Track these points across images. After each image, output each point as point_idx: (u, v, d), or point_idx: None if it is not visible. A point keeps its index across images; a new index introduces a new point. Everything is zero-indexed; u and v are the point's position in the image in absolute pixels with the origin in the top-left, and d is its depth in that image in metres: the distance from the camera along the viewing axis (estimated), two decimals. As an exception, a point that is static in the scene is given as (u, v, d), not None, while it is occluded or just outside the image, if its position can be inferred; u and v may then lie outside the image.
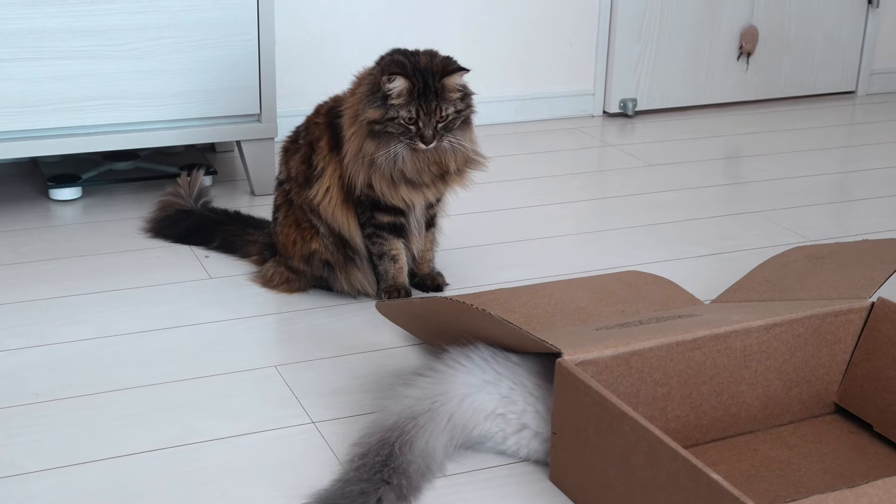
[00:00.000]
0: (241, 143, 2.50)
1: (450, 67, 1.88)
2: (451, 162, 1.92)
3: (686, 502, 1.23)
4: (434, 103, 1.86)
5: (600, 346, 1.47)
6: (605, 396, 1.35)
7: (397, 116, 1.86)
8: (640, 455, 1.30)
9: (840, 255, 1.84)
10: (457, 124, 1.90)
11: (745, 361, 1.57)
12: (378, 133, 1.87)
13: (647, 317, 1.71)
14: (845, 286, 1.70)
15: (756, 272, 1.93)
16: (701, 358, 1.53)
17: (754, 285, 1.87)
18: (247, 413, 1.65)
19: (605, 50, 3.24)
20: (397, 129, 1.86)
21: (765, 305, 1.72)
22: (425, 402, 1.50)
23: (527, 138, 3.08)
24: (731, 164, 2.98)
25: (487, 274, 2.15)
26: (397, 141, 1.87)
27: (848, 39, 3.54)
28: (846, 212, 2.63)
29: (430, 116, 1.85)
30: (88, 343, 1.85)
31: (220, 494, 1.45)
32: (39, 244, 2.25)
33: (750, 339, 1.56)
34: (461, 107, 1.90)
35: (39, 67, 2.27)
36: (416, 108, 1.85)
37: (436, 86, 1.86)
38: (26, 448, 1.55)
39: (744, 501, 1.15)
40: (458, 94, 1.89)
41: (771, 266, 1.92)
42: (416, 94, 1.85)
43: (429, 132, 1.86)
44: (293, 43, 2.86)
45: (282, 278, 2.05)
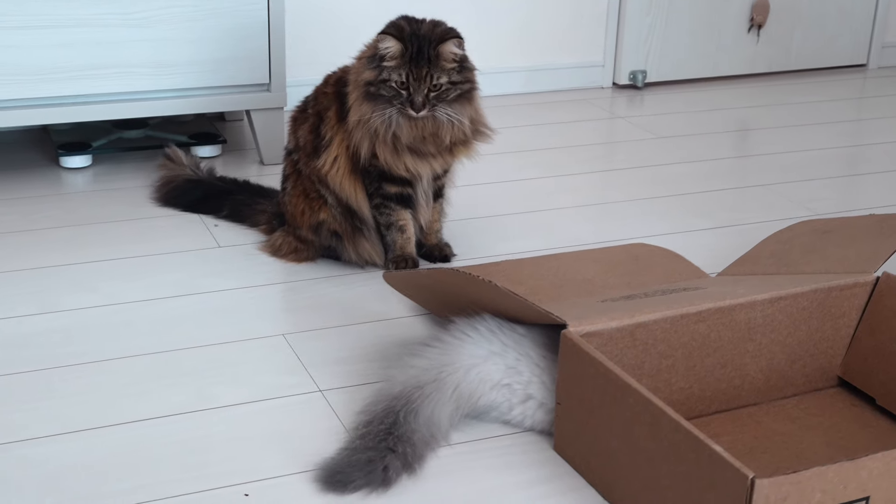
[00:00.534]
0: (251, 112, 2.51)
1: (446, 35, 1.88)
2: (446, 135, 1.92)
3: (687, 472, 1.25)
4: (425, 69, 1.86)
5: (605, 317, 1.49)
6: (609, 368, 1.37)
7: (389, 79, 1.87)
8: (643, 426, 1.32)
9: (845, 230, 1.84)
10: (450, 96, 1.90)
11: (750, 334, 1.58)
12: (373, 95, 1.89)
13: (652, 289, 1.72)
14: (850, 260, 1.70)
15: (762, 246, 1.94)
16: (705, 330, 1.54)
17: (760, 259, 1.88)
18: (254, 380, 1.67)
19: (616, 21, 3.24)
20: (389, 91, 1.87)
21: (770, 279, 1.73)
22: (432, 373, 1.52)
23: (536, 110, 3.08)
24: (739, 137, 2.98)
25: (495, 245, 2.17)
26: (390, 104, 1.88)
27: (860, 12, 3.52)
28: (854, 185, 2.63)
29: (419, 83, 1.86)
30: (98, 310, 1.87)
31: (227, 459, 1.47)
32: (50, 211, 2.27)
33: (754, 313, 1.57)
34: (457, 78, 1.90)
35: (50, 35, 2.28)
36: (406, 72, 1.86)
37: (429, 52, 1.87)
38: (38, 413, 1.57)
39: (744, 472, 1.16)
40: (452, 65, 1.89)
41: (777, 240, 1.93)
42: (407, 59, 1.86)
43: (419, 98, 1.86)
44: (303, 12, 2.87)
45: (290, 248, 2.06)
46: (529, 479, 1.46)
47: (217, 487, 1.42)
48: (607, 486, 1.41)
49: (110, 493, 1.40)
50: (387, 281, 1.78)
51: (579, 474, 1.46)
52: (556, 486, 1.45)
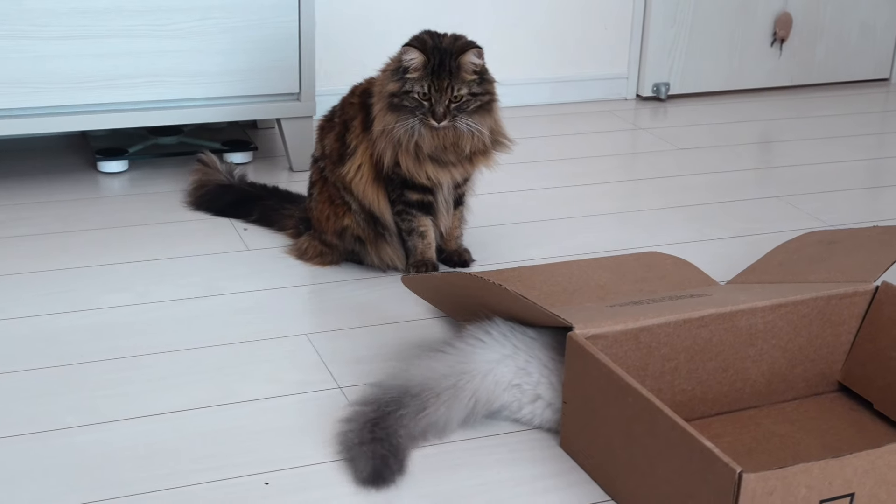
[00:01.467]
0: (281, 120, 2.59)
1: (466, 47, 1.96)
2: (466, 145, 1.99)
3: (682, 468, 1.31)
4: (447, 81, 1.94)
5: (611, 321, 1.55)
6: (612, 368, 1.43)
7: (412, 90, 1.94)
8: (641, 424, 1.38)
9: (850, 240, 1.90)
10: (471, 107, 1.97)
11: (751, 340, 1.64)
12: (396, 106, 1.96)
13: (660, 296, 1.78)
14: (852, 270, 1.76)
15: (771, 255, 1.99)
16: (707, 335, 1.60)
17: (769, 268, 1.94)
18: (278, 377, 1.75)
19: (640, 34, 3.30)
20: (412, 102, 1.95)
21: (774, 287, 1.79)
22: (450, 379, 1.58)
23: (560, 120, 3.14)
24: (760, 149, 3.03)
25: (514, 252, 2.23)
26: (412, 115, 1.95)
27: (883, 27, 3.56)
28: (871, 198, 2.67)
29: (441, 94, 1.93)
30: (130, 309, 1.96)
31: (249, 450, 1.55)
32: (87, 214, 2.36)
33: (755, 319, 1.63)
34: (477, 90, 1.97)
35: (89, 46, 2.37)
36: (428, 83, 1.94)
37: (451, 65, 1.94)
38: (69, 405, 1.65)
39: (732, 467, 1.22)
40: (473, 76, 1.96)
41: (785, 250, 1.98)
42: (429, 71, 1.94)
43: (440, 109, 1.94)
44: (332, 24, 2.95)
45: (315, 251, 2.14)
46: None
47: (239, 476, 1.49)
48: (609, 481, 1.47)
49: (138, 480, 1.48)
50: (405, 284, 1.85)
51: (583, 470, 1.53)
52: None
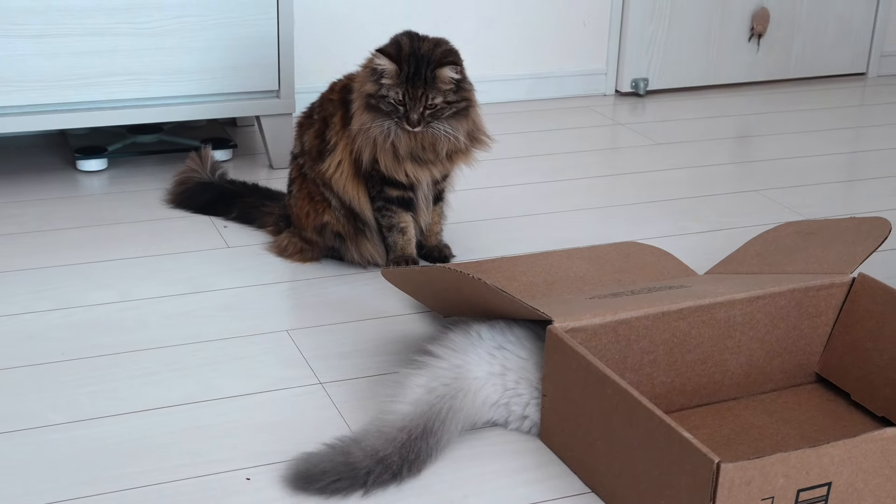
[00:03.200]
0: (261, 117, 2.59)
1: (444, 60, 1.95)
2: (442, 148, 2.00)
3: (660, 459, 1.32)
4: (421, 90, 1.94)
5: (589, 314, 1.56)
6: (590, 361, 1.44)
7: (387, 95, 1.95)
8: (620, 415, 1.39)
9: (827, 231, 1.91)
10: (446, 113, 1.97)
11: (729, 332, 1.66)
12: (373, 106, 1.97)
13: (639, 287, 1.80)
14: (829, 261, 1.78)
15: (748, 246, 2.01)
16: (686, 328, 1.62)
17: (746, 258, 1.95)
18: (259, 373, 1.75)
19: (618, 30, 3.31)
20: (387, 106, 1.96)
21: (752, 278, 1.80)
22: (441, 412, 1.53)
23: (539, 116, 3.16)
24: (739, 144, 3.05)
25: (494, 246, 2.25)
26: (388, 117, 1.96)
27: (859, 21, 3.59)
28: (849, 191, 2.70)
29: (415, 102, 1.94)
30: (112, 306, 1.96)
31: (231, 446, 1.56)
32: (67, 213, 2.36)
33: (733, 311, 1.65)
34: (452, 98, 1.97)
35: (68, 44, 2.37)
36: (402, 91, 1.94)
37: (427, 74, 1.94)
38: (52, 402, 1.66)
39: (710, 457, 1.24)
40: (449, 86, 1.96)
41: (763, 241, 2.00)
42: (403, 79, 1.94)
43: (414, 116, 1.95)
44: (312, 21, 2.95)
45: (295, 248, 2.15)
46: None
47: (220, 472, 1.50)
48: (588, 472, 1.49)
49: (119, 476, 1.49)
50: (385, 277, 1.86)
51: (563, 462, 1.54)
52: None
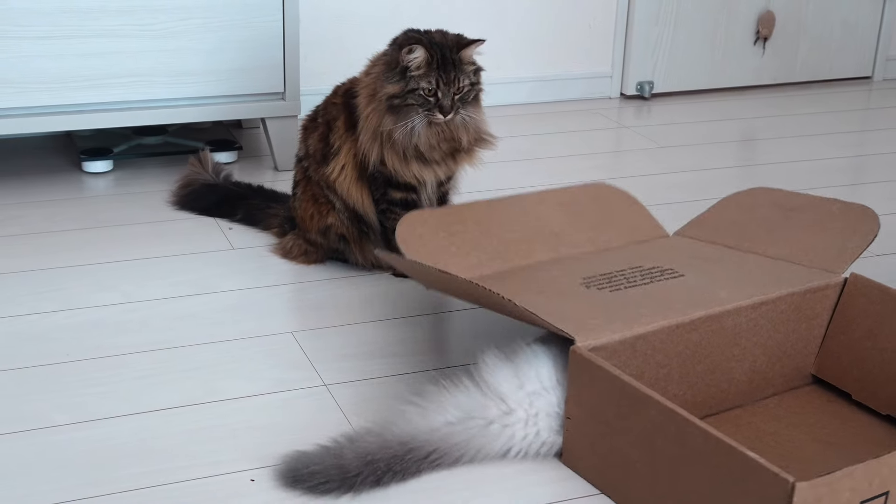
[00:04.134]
0: (266, 120, 2.60)
1: (464, 41, 1.97)
2: (463, 136, 2.00)
3: (717, 479, 1.26)
4: (453, 73, 1.94)
5: (608, 330, 1.51)
6: (627, 381, 1.39)
7: (417, 87, 1.94)
8: (665, 436, 1.34)
9: (810, 212, 1.88)
10: (470, 97, 1.99)
11: (735, 339, 1.64)
12: (397, 107, 1.95)
13: (626, 261, 1.77)
14: (817, 254, 1.77)
15: (722, 209, 1.97)
16: (697, 339, 1.59)
17: (720, 225, 1.92)
18: (263, 375, 1.75)
19: (623, 33, 3.31)
20: (417, 100, 1.94)
21: (738, 259, 1.79)
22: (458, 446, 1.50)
23: (544, 119, 3.16)
24: (744, 147, 3.05)
25: (498, 249, 2.24)
26: (415, 113, 1.95)
27: (865, 25, 3.59)
28: (854, 195, 2.69)
29: (448, 87, 1.94)
30: (117, 308, 1.96)
31: (235, 448, 1.56)
32: (72, 214, 2.36)
33: (740, 318, 1.63)
34: (474, 80, 1.99)
35: (73, 45, 2.38)
36: (435, 78, 1.93)
37: (453, 57, 1.95)
38: (57, 403, 1.66)
39: (784, 477, 1.18)
40: (472, 67, 1.98)
41: (737, 206, 1.96)
42: (435, 65, 1.93)
43: (447, 102, 1.94)
44: (317, 23, 2.96)
45: (300, 250, 2.15)
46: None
47: (224, 473, 1.50)
48: (624, 495, 1.43)
49: (124, 478, 1.49)
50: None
51: (592, 485, 1.49)
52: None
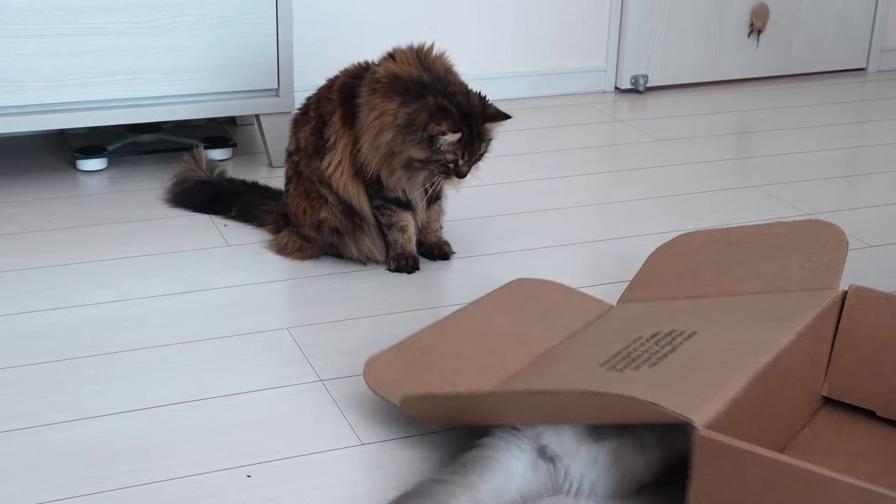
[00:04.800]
0: (260, 116, 2.60)
1: (490, 112, 1.98)
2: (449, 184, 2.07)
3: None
4: (477, 145, 1.97)
5: (708, 403, 1.33)
6: (797, 465, 1.21)
7: (442, 159, 1.96)
8: None
9: (757, 240, 1.82)
10: (484, 157, 2.02)
11: (786, 379, 1.55)
12: (415, 168, 1.98)
13: (626, 340, 1.62)
14: (796, 274, 1.70)
15: (656, 265, 1.88)
16: (768, 389, 1.49)
17: (666, 280, 1.85)
18: (259, 371, 1.75)
19: (618, 27, 3.31)
20: (439, 168, 1.97)
21: (723, 304, 1.71)
22: None
23: (539, 114, 3.16)
24: (739, 140, 3.05)
25: (495, 243, 2.25)
26: (433, 175, 1.99)
27: (859, 17, 3.58)
28: (849, 186, 2.70)
29: (472, 157, 1.98)
30: (112, 305, 1.96)
31: (231, 444, 1.56)
32: (67, 212, 2.36)
33: (789, 357, 1.53)
34: (490, 142, 2.02)
35: (67, 43, 2.37)
36: (461, 151, 1.96)
37: (479, 129, 1.97)
38: (53, 401, 1.66)
39: None
40: (493, 136, 2.01)
41: (672, 257, 1.88)
42: (463, 142, 1.95)
43: (466, 169, 1.98)
44: (311, 20, 2.95)
45: (295, 246, 2.15)
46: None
47: (221, 469, 1.50)
48: None
49: (120, 475, 1.49)
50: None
51: None
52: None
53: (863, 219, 2.43)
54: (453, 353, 1.67)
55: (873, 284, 2.09)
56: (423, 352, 1.65)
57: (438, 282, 2.09)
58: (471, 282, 2.08)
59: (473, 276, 2.10)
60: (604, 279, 2.07)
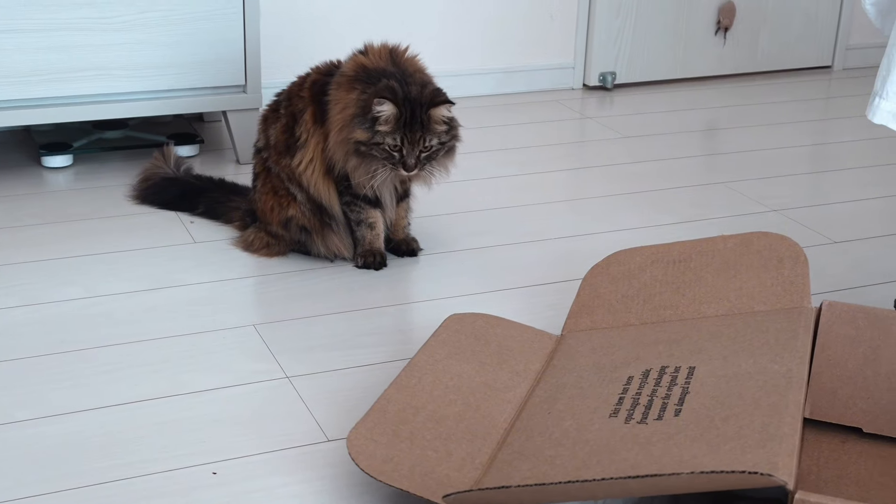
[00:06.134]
0: (227, 113, 2.59)
1: (437, 99, 1.96)
2: (420, 181, 2.06)
3: None
4: (419, 133, 1.95)
5: (776, 456, 1.24)
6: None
7: (382, 142, 1.94)
8: None
9: (707, 257, 1.77)
10: (439, 155, 2.00)
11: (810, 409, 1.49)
12: (363, 154, 1.97)
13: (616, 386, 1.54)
14: (759, 293, 1.65)
15: (598, 287, 1.80)
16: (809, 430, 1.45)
17: (613, 304, 1.76)
18: (226, 368, 1.75)
19: (586, 24, 3.32)
20: (381, 153, 1.95)
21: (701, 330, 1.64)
22: None
23: (508, 110, 3.16)
24: (706, 137, 3.07)
25: (462, 239, 2.25)
26: (380, 164, 1.97)
27: (825, 15, 3.62)
28: (816, 182, 2.72)
29: (413, 146, 1.95)
30: (79, 302, 1.95)
31: (197, 441, 1.55)
32: (33, 209, 2.34)
33: (803, 384, 1.47)
34: (445, 139, 1.99)
35: (32, 39, 2.36)
36: (401, 136, 1.94)
37: (422, 116, 1.94)
38: (20, 399, 1.65)
39: None
40: (443, 127, 1.98)
41: (612, 278, 1.80)
42: (402, 123, 1.94)
43: (411, 161, 1.96)
44: (278, 16, 2.94)
45: (262, 243, 2.15)
46: None
47: (187, 466, 1.50)
48: None
49: (88, 472, 1.48)
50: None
51: None
52: None
53: (829, 214, 2.45)
54: (432, 417, 1.55)
55: (840, 280, 2.12)
56: (400, 419, 1.52)
57: (405, 278, 2.10)
58: (437, 278, 2.08)
59: (440, 272, 2.11)
60: (572, 275, 2.08)
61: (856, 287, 2.08)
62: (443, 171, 2.05)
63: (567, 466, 1.37)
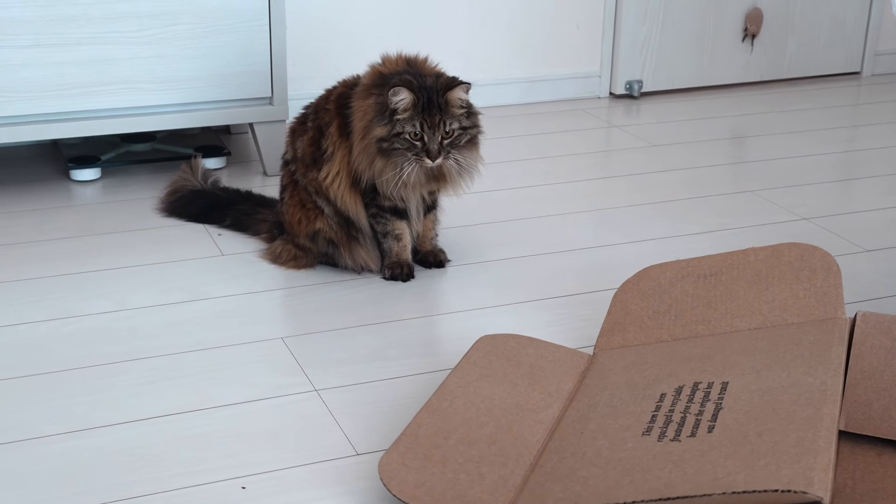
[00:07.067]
0: (254, 125, 2.59)
1: (452, 83, 1.96)
2: (453, 178, 2.03)
3: None
4: (438, 117, 1.94)
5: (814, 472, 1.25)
6: None
7: (403, 132, 1.94)
8: None
9: (737, 270, 1.75)
10: (462, 141, 1.99)
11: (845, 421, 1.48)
12: (387, 150, 1.96)
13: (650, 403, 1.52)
14: (793, 304, 1.64)
15: (629, 304, 1.79)
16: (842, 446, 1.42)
17: (645, 321, 1.76)
18: (254, 381, 1.75)
19: (612, 32, 3.31)
20: (403, 144, 1.94)
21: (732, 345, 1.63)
22: None
23: (533, 120, 3.16)
24: (734, 145, 3.05)
25: (490, 250, 2.24)
26: (404, 158, 1.95)
27: (853, 21, 3.59)
28: (844, 191, 2.69)
29: (434, 131, 1.94)
30: (108, 316, 1.95)
31: (226, 455, 1.55)
32: (61, 223, 2.35)
33: (838, 399, 1.46)
34: (466, 124, 1.98)
35: (60, 53, 2.37)
36: (420, 121, 1.93)
37: (439, 101, 1.94)
38: (49, 413, 1.65)
39: None
40: (461, 110, 1.97)
41: (643, 295, 1.79)
42: (420, 108, 1.93)
43: (434, 146, 1.94)
44: (304, 28, 2.95)
45: (289, 255, 2.14)
46: None
47: (216, 481, 1.49)
48: None
49: (116, 486, 1.48)
50: None
51: None
52: None
53: (858, 222, 2.43)
54: (464, 440, 1.53)
55: (871, 289, 2.09)
56: (432, 443, 1.50)
57: (433, 290, 2.09)
58: (465, 289, 2.07)
59: (468, 284, 2.10)
60: (602, 285, 2.07)
61: (889, 296, 2.06)
62: (471, 169, 2.02)
63: (600, 487, 1.36)
